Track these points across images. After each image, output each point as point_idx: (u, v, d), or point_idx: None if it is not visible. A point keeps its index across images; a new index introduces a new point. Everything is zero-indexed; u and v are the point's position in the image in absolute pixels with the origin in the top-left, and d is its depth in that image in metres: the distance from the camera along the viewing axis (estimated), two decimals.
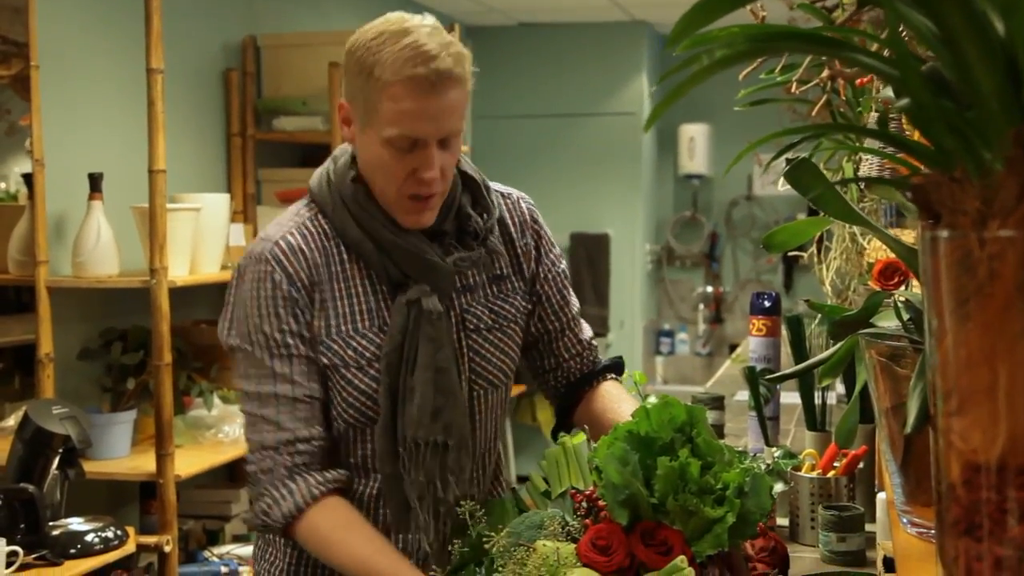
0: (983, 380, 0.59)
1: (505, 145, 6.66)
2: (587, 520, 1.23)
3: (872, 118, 1.60)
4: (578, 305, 1.92)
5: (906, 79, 0.62)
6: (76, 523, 2.53)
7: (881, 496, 1.59)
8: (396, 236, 1.64)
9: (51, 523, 2.49)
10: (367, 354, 1.65)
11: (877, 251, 2.01)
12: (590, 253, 6.59)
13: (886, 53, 0.77)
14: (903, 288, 1.39)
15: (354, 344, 1.65)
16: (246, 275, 1.65)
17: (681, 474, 1.12)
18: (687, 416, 1.17)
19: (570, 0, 5.89)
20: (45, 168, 2.88)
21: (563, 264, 1.89)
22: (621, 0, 5.89)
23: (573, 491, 1.30)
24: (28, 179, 2.89)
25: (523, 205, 1.89)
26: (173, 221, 2.97)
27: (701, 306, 7.11)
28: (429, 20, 1.62)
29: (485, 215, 1.76)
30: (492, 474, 1.82)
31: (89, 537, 2.50)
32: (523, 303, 1.81)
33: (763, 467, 1.35)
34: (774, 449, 1.79)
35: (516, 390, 6.07)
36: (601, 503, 1.20)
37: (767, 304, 2.04)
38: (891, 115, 1.55)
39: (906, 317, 1.15)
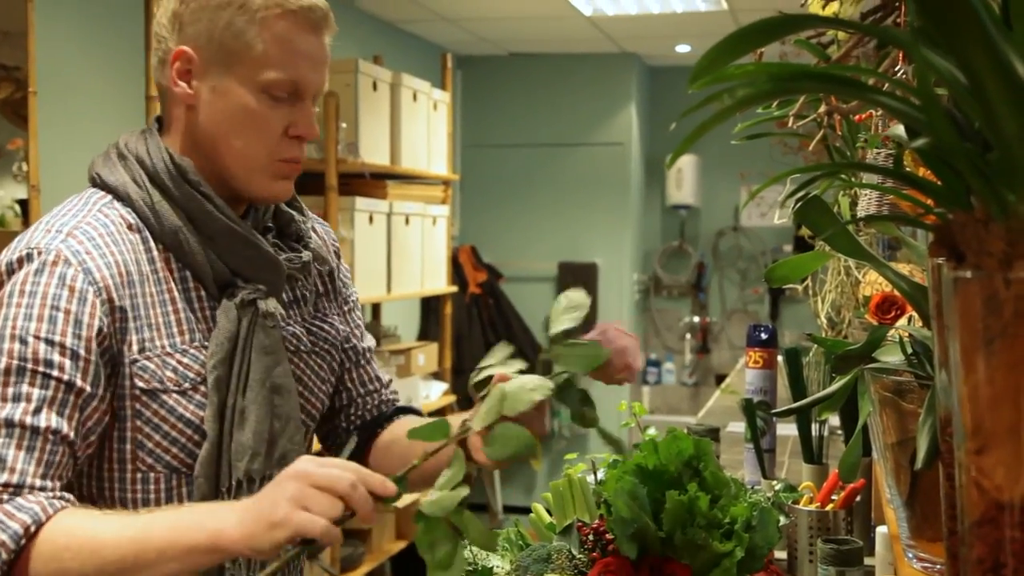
0: (1008, 419, 0.60)
1: (494, 174, 6.68)
2: (594, 553, 1.24)
3: (872, 154, 1.62)
4: (374, 341, 1.67)
5: (932, 121, 0.63)
6: None
7: (880, 530, 1.59)
8: (231, 221, 1.35)
9: None
10: (190, 375, 1.31)
11: (872, 284, 2.02)
12: (578, 282, 6.60)
13: (886, 87, 0.79)
14: (906, 323, 1.40)
15: (173, 363, 1.30)
16: (20, 270, 1.26)
17: (689, 508, 1.13)
18: (695, 449, 1.17)
19: (560, 31, 5.93)
20: (41, 194, 2.87)
21: (356, 292, 1.66)
22: (611, 32, 5.93)
23: (580, 524, 1.30)
24: (23, 204, 2.89)
25: (325, 225, 1.62)
26: None
27: (688, 336, 7.13)
28: None
29: (301, 215, 1.51)
30: None
31: None
32: (341, 326, 1.57)
33: (768, 500, 1.35)
34: (774, 482, 1.79)
35: None
36: (608, 536, 1.20)
37: (764, 336, 2.04)
38: (890, 152, 1.57)
39: (909, 352, 1.16)
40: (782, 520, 1.63)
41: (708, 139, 6.34)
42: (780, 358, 2.09)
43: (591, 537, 1.25)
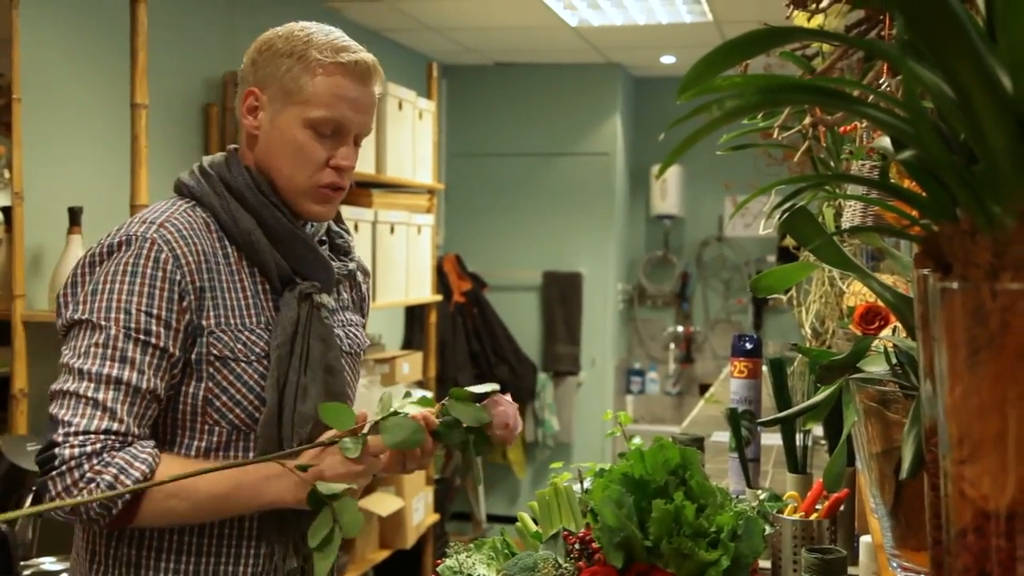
0: (994, 429, 0.61)
1: (480, 183, 6.69)
2: (580, 562, 1.24)
3: (857, 166, 1.63)
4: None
5: (920, 133, 0.64)
6: (49, 562, 2.50)
7: (864, 539, 1.60)
8: (295, 227, 1.61)
9: (23, 563, 2.45)
10: (256, 349, 1.57)
11: (857, 295, 2.03)
12: (563, 291, 6.61)
13: (871, 99, 0.79)
14: (891, 333, 1.41)
15: (243, 338, 1.56)
16: (119, 253, 1.51)
17: (676, 517, 1.13)
18: (681, 459, 1.18)
19: (546, 41, 5.95)
20: (24, 202, 2.86)
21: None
22: (596, 42, 5.95)
23: (566, 533, 1.30)
24: (7, 212, 2.87)
25: (362, 259, 1.88)
26: None
27: (672, 345, 7.14)
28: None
29: (347, 234, 1.80)
30: None
31: None
32: (365, 339, 1.83)
33: (752, 509, 1.35)
34: (759, 491, 1.80)
35: None
36: (595, 545, 1.20)
37: (749, 346, 2.05)
38: (875, 164, 1.58)
39: (894, 362, 1.16)
40: (767, 529, 1.63)
41: (693, 150, 6.24)
42: (765, 368, 2.10)
43: (577, 546, 1.26)
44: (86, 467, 1.42)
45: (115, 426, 1.44)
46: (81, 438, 1.43)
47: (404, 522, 4.46)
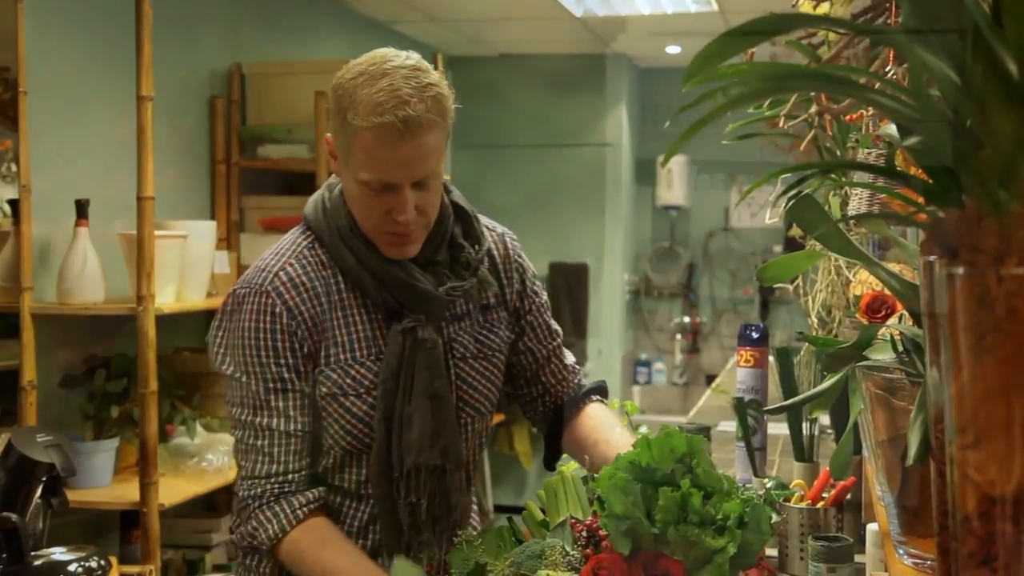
0: (1000, 414, 0.61)
1: (485, 174, 6.68)
2: (588, 550, 1.24)
3: (863, 154, 1.62)
4: (561, 333, 1.97)
5: (926, 119, 0.64)
6: (59, 553, 2.50)
7: (871, 527, 1.60)
8: (389, 265, 1.68)
9: (33, 553, 2.46)
10: (365, 382, 1.68)
11: (863, 284, 2.03)
12: (569, 283, 6.60)
13: (877, 86, 0.79)
14: (897, 321, 1.41)
15: (352, 372, 1.68)
16: (244, 305, 1.68)
17: (682, 504, 1.13)
18: (687, 447, 1.18)
19: (551, 32, 5.94)
20: (32, 195, 2.87)
21: (544, 295, 1.96)
22: (601, 33, 5.94)
23: (574, 521, 1.30)
24: (14, 205, 2.88)
25: (507, 240, 1.92)
26: (160, 248, 2.96)
27: (678, 336, 7.14)
28: (413, 59, 1.64)
29: (476, 246, 1.79)
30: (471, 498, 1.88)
31: (72, 567, 2.46)
32: (507, 333, 1.86)
33: (759, 498, 1.36)
34: (766, 480, 1.80)
35: (495, 419, 6.05)
36: (602, 533, 1.21)
37: (755, 335, 2.05)
38: (881, 152, 1.58)
39: (900, 350, 1.16)
40: (773, 517, 1.63)
41: (698, 140, 6.21)
42: (771, 357, 2.10)
43: (584, 534, 1.26)
44: (251, 507, 1.67)
45: (275, 468, 1.67)
46: (249, 482, 1.68)
47: None
